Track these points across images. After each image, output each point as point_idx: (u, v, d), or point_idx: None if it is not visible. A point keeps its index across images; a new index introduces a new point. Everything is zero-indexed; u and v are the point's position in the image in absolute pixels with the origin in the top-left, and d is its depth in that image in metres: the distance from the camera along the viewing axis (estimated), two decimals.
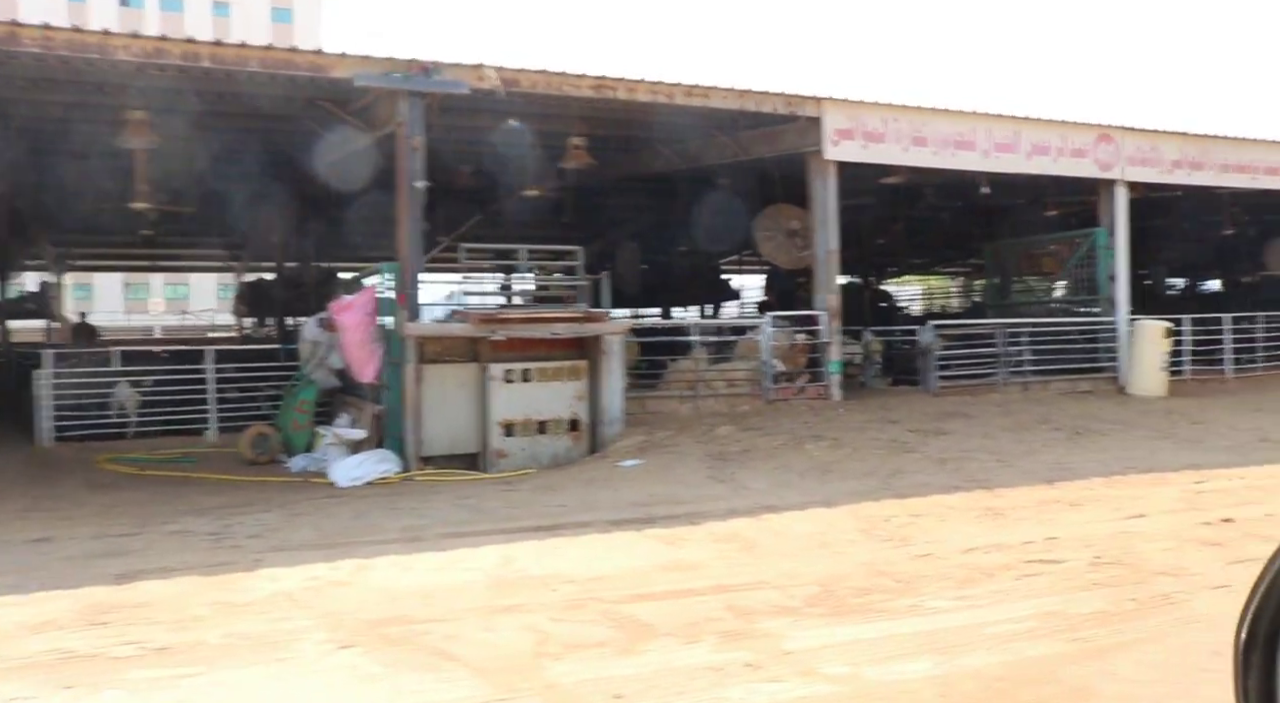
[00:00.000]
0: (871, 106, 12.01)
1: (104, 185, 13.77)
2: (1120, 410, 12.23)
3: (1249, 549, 6.04)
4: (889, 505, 7.32)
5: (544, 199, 16.85)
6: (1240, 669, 1.87)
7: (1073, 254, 14.70)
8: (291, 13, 68.29)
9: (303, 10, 67.96)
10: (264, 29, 60.15)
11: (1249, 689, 1.86)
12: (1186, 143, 14.54)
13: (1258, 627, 1.83)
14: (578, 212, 20.50)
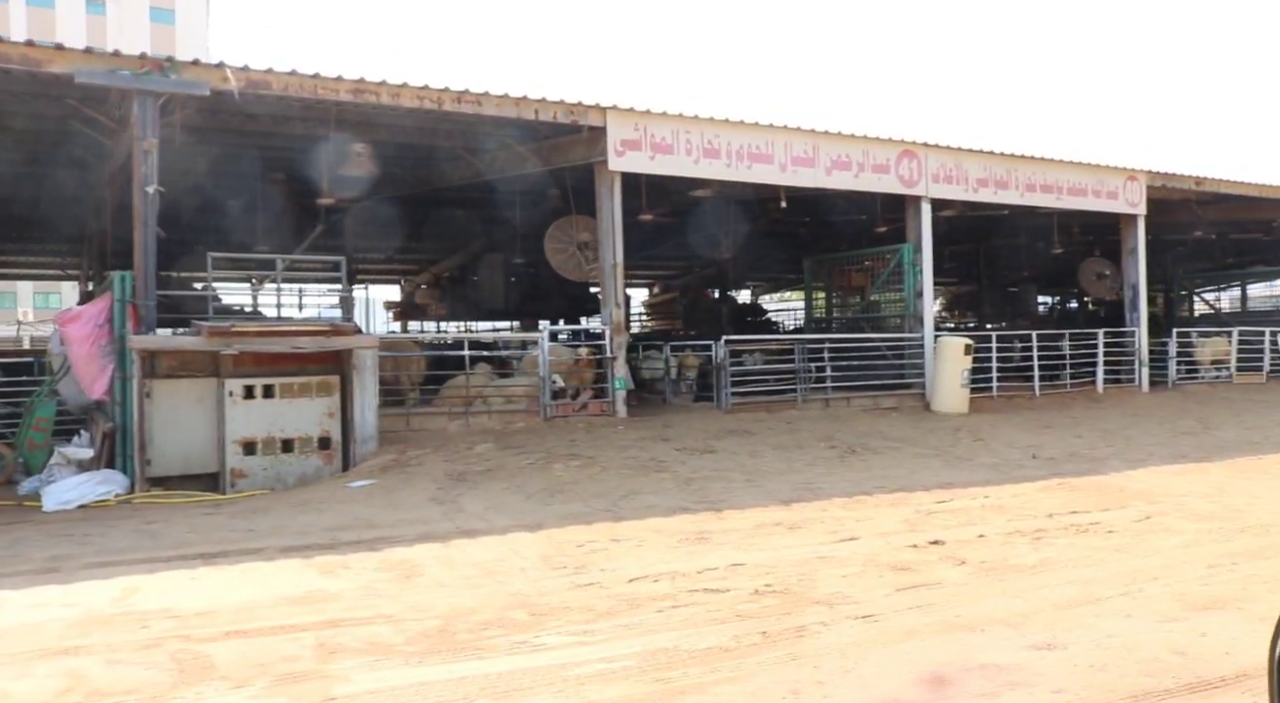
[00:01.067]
0: (660, 117, 11.76)
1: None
2: (909, 428, 12.16)
3: (935, 574, 5.85)
4: (597, 530, 6.97)
5: (388, 209, 16.49)
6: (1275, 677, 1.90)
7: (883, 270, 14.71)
8: (174, 14, 65.59)
9: (186, 11, 65.31)
10: (143, 30, 58.08)
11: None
12: (992, 161, 14.65)
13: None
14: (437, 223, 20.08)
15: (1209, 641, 4.60)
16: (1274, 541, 6.80)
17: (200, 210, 16.46)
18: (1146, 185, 16.70)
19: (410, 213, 18.24)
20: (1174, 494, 8.70)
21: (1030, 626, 4.83)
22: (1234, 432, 13.07)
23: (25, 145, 12.37)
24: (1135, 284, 16.92)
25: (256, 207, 16.14)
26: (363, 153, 11.59)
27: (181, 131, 10.17)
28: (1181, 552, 6.47)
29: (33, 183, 14.46)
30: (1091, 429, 12.78)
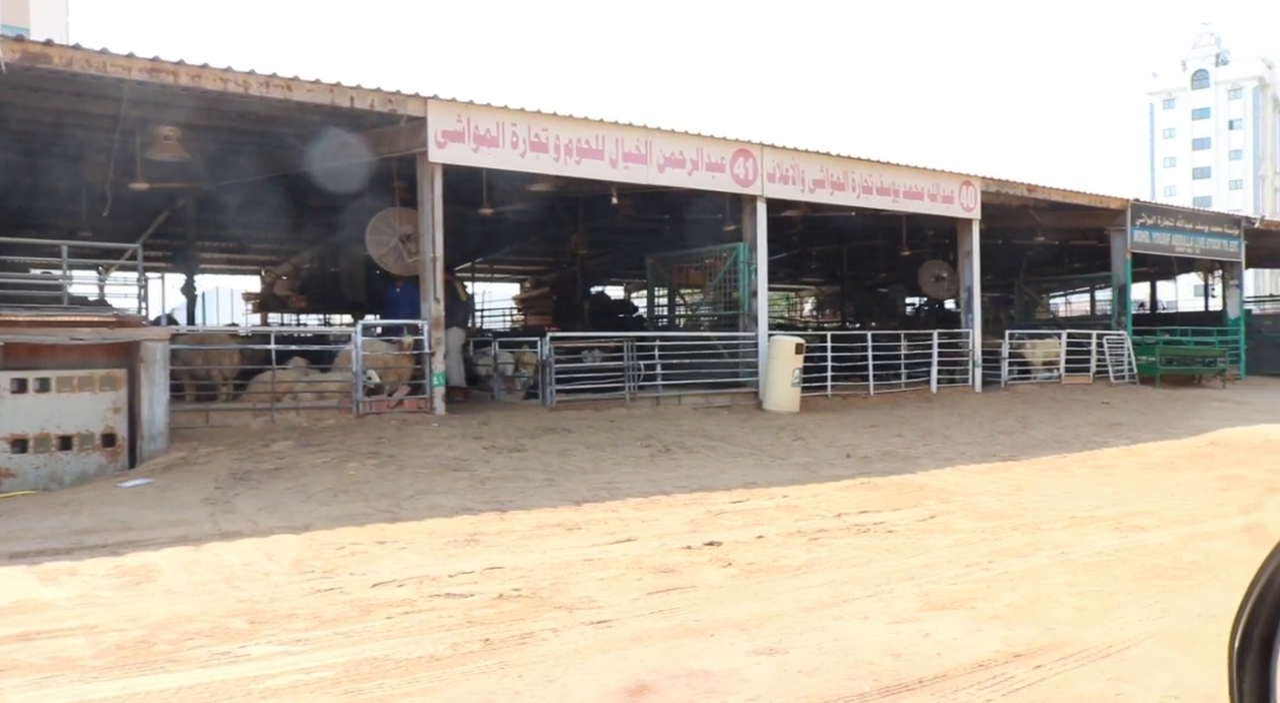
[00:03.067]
0: (484, 108, 11.53)
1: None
2: (735, 426, 12.21)
3: (696, 576, 5.77)
4: (367, 531, 6.72)
5: (236, 197, 15.85)
6: (1235, 673, 1.82)
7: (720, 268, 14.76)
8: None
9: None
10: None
11: (1244, 694, 1.82)
12: (829, 162, 14.84)
13: (1252, 630, 1.80)
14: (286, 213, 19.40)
15: (929, 641, 4.61)
16: (1040, 537, 6.95)
17: (28, 194, 15.65)
18: (981, 190, 17.18)
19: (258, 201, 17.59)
20: (970, 493, 8.88)
21: (765, 630, 4.78)
22: (1048, 430, 13.51)
23: None
24: (970, 287, 17.39)
25: (80, 192, 15.36)
26: (171, 137, 11.05)
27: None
28: (950, 551, 6.55)
29: None
30: (915, 428, 13.04)
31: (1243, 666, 1.82)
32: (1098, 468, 10.65)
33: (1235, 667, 1.83)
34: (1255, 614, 1.80)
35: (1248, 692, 1.82)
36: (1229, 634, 1.83)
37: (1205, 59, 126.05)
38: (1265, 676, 1.80)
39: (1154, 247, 21.11)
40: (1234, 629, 1.84)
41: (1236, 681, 1.83)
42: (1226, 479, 9.97)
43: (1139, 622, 4.91)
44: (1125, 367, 20.00)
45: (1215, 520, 7.68)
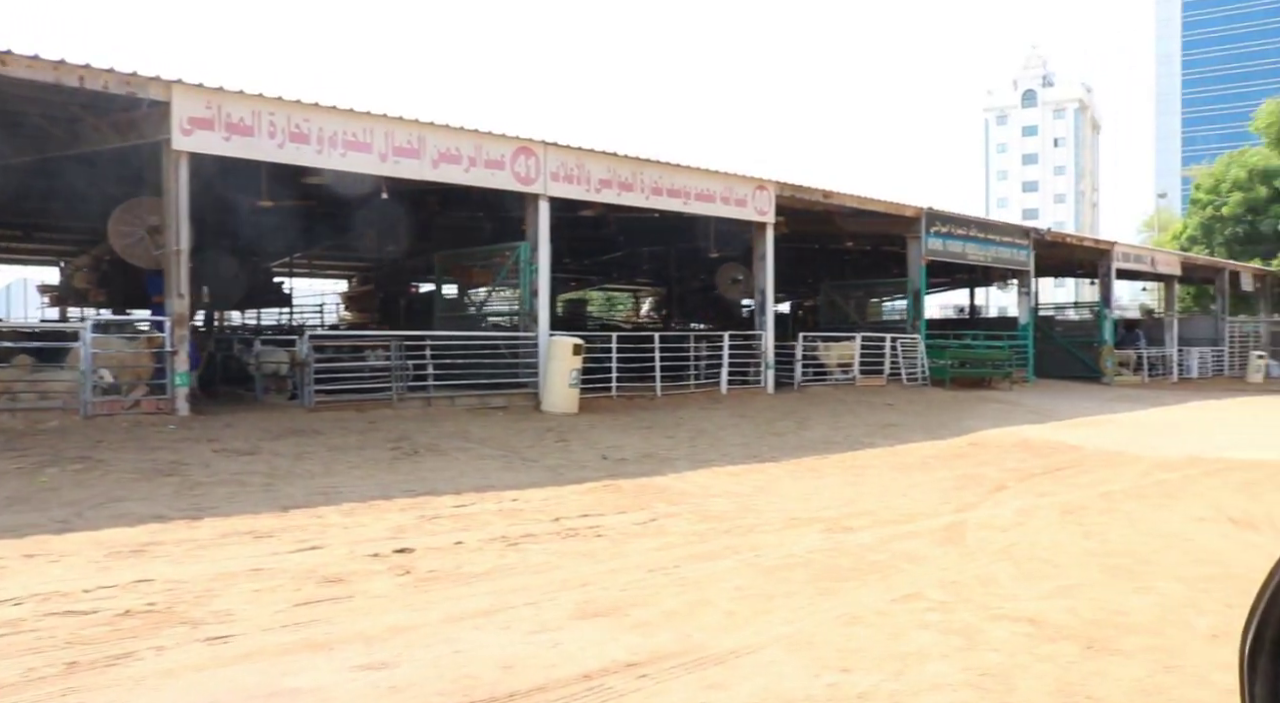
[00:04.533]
0: (236, 96, 11.00)
1: None
2: (501, 428, 12.03)
3: (365, 586, 5.51)
4: (25, 544, 6.23)
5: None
6: (1246, 675, 1.80)
7: (502, 267, 14.55)
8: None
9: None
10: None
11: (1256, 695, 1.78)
12: (616, 163, 14.81)
13: (1264, 632, 1.77)
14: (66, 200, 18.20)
15: (553, 651, 4.49)
16: (747, 540, 6.96)
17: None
18: (776, 195, 17.48)
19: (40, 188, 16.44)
20: (708, 494, 8.90)
21: (391, 643, 4.57)
22: (822, 431, 13.79)
23: None
24: (764, 289, 17.68)
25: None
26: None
27: None
28: (646, 555, 6.48)
29: None
30: (689, 430, 13.11)
31: (1254, 667, 1.80)
32: (850, 469, 10.86)
33: (1246, 669, 1.82)
34: (1267, 616, 1.78)
35: (1259, 694, 1.80)
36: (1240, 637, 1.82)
37: (1034, 80, 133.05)
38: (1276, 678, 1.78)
39: (948, 254, 21.94)
40: (1245, 632, 1.82)
41: (1248, 682, 1.82)
42: (966, 478, 10.31)
43: (778, 625, 4.91)
44: (919, 369, 20.71)
45: (926, 520, 7.87)
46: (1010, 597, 5.44)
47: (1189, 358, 32.15)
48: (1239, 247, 38.31)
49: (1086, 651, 4.50)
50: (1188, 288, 41.65)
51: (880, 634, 4.75)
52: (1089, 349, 28.46)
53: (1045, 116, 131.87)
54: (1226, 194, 37.94)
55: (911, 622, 4.95)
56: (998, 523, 7.75)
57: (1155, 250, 32.40)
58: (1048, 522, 7.80)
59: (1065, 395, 22.16)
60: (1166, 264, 30.66)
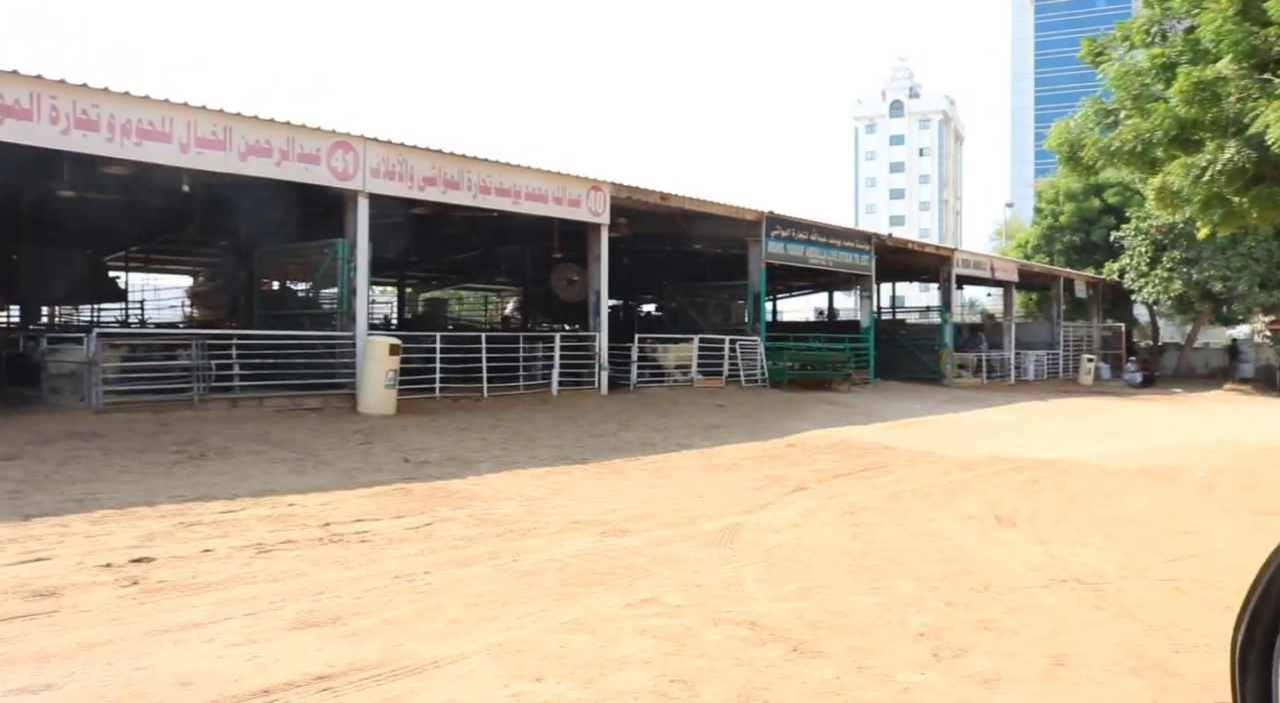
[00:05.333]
0: (10, 75, 10.33)
1: None
2: (306, 430, 11.67)
3: (75, 599, 5.20)
4: None
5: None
6: (1238, 671, 1.81)
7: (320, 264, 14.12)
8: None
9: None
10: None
11: (1246, 691, 1.80)
12: (442, 160, 14.54)
13: (1255, 628, 1.78)
14: None
15: (245, 665, 4.28)
16: (517, 545, 6.84)
17: None
18: (611, 196, 17.47)
19: None
20: (500, 497, 8.78)
21: (70, 661, 4.30)
22: (643, 433, 13.81)
23: None
24: (599, 290, 17.65)
25: None
26: None
27: None
28: (403, 561, 6.30)
29: None
30: (506, 432, 12.95)
31: (1245, 664, 1.80)
32: (657, 471, 10.88)
33: (1238, 665, 1.81)
34: (1258, 612, 1.78)
35: (1250, 690, 1.80)
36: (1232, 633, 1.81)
37: (901, 91, 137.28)
38: (1267, 674, 1.78)
39: (788, 258, 22.32)
40: (1237, 627, 1.82)
41: (1239, 679, 1.81)
42: (770, 479, 10.43)
43: (498, 633, 4.81)
44: (758, 371, 21.00)
45: (709, 522, 7.90)
46: (746, 600, 5.46)
47: (1026, 361, 33.50)
48: (1075, 255, 40.06)
49: (791, 653, 4.53)
50: (1030, 294, 43.47)
51: (596, 641, 4.69)
52: (932, 352, 29.38)
53: (912, 127, 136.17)
54: (1062, 205, 39.71)
55: (633, 628, 4.91)
56: (776, 525, 7.82)
57: (994, 258, 33.67)
58: (826, 523, 7.91)
59: (901, 397, 22.79)
60: (1004, 271, 31.88)
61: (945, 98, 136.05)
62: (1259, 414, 24.16)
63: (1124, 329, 41.15)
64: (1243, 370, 38.21)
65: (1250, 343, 41.23)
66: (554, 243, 20.38)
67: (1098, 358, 36.87)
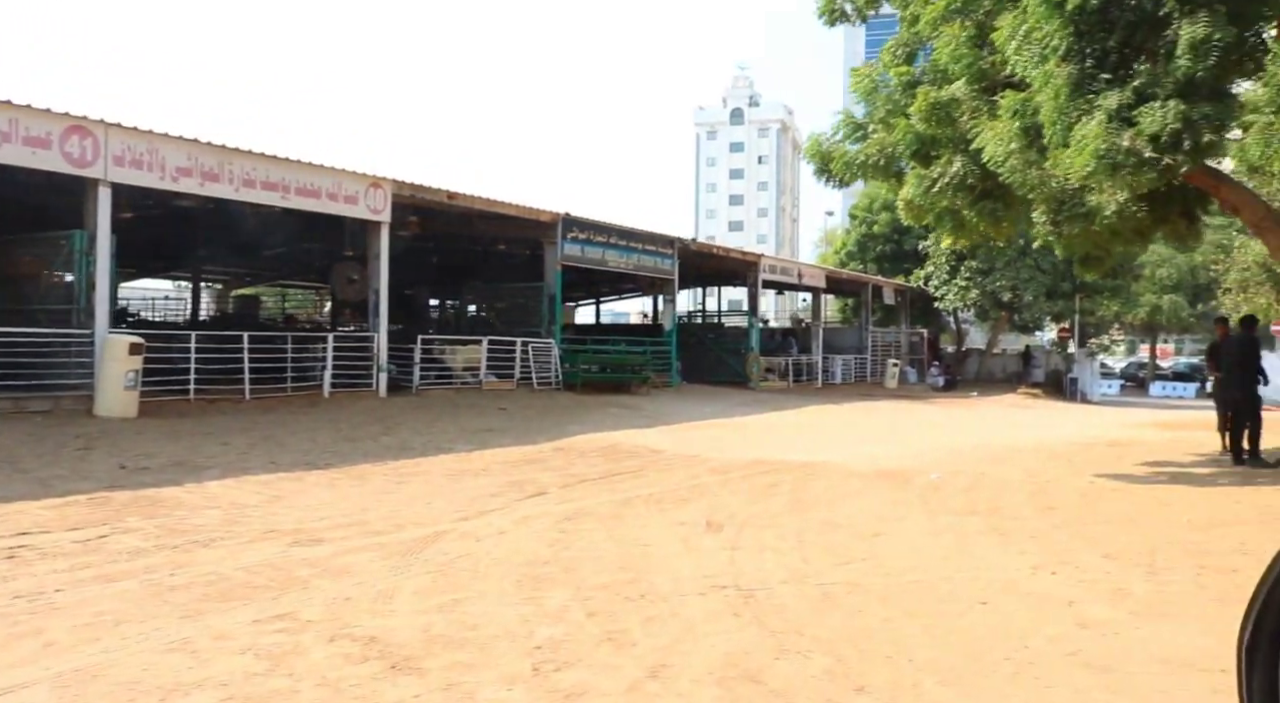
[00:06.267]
0: None
1: None
2: (16, 435, 10.85)
3: None
4: None
5: None
6: (1244, 669, 1.79)
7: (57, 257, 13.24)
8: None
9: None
10: None
11: (1253, 689, 1.78)
12: (200, 150, 13.83)
13: (1262, 625, 1.77)
14: None
15: None
16: (179, 557, 6.46)
17: None
18: (394, 194, 17.05)
19: None
20: (210, 506, 8.36)
21: None
22: (406, 437, 13.50)
23: None
24: (378, 289, 17.18)
25: None
26: None
27: None
28: (43, 579, 5.83)
29: None
30: (256, 436, 12.42)
31: (1252, 660, 1.78)
32: (400, 476, 10.59)
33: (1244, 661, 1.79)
34: (1266, 609, 1.77)
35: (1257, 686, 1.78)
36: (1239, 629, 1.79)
37: (741, 99, 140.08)
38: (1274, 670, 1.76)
39: (586, 260, 22.32)
40: (1244, 624, 1.80)
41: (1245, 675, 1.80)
42: (512, 484, 10.29)
43: (85, 657, 4.46)
44: (552, 374, 20.90)
45: (416, 529, 7.68)
46: (386, 613, 5.27)
47: (834, 364, 34.55)
48: (888, 263, 41.61)
49: (388, 670, 4.36)
50: (846, 300, 44.91)
51: (187, 663, 4.41)
52: (740, 355, 29.93)
53: (751, 134, 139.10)
54: (876, 214, 41.19)
55: (241, 646, 4.65)
56: (483, 532, 7.66)
57: (802, 264, 34.65)
58: (535, 530, 7.80)
59: (699, 400, 23.07)
60: (812, 277, 32.80)
61: (784, 107, 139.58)
62: (1038, 418, 25.60)
63: (929, 335, 42.95)
64: (1034, 375, 40.44)
65: (1042, 350, 43.71)
66: (346, 240, 19.78)
67: (904, 362, 38.37)
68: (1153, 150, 7.51)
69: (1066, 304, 38.69)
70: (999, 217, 11.27)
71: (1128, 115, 7.67)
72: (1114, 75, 7.96)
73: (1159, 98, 7.57)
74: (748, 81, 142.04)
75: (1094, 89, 7.94)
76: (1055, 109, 8.05)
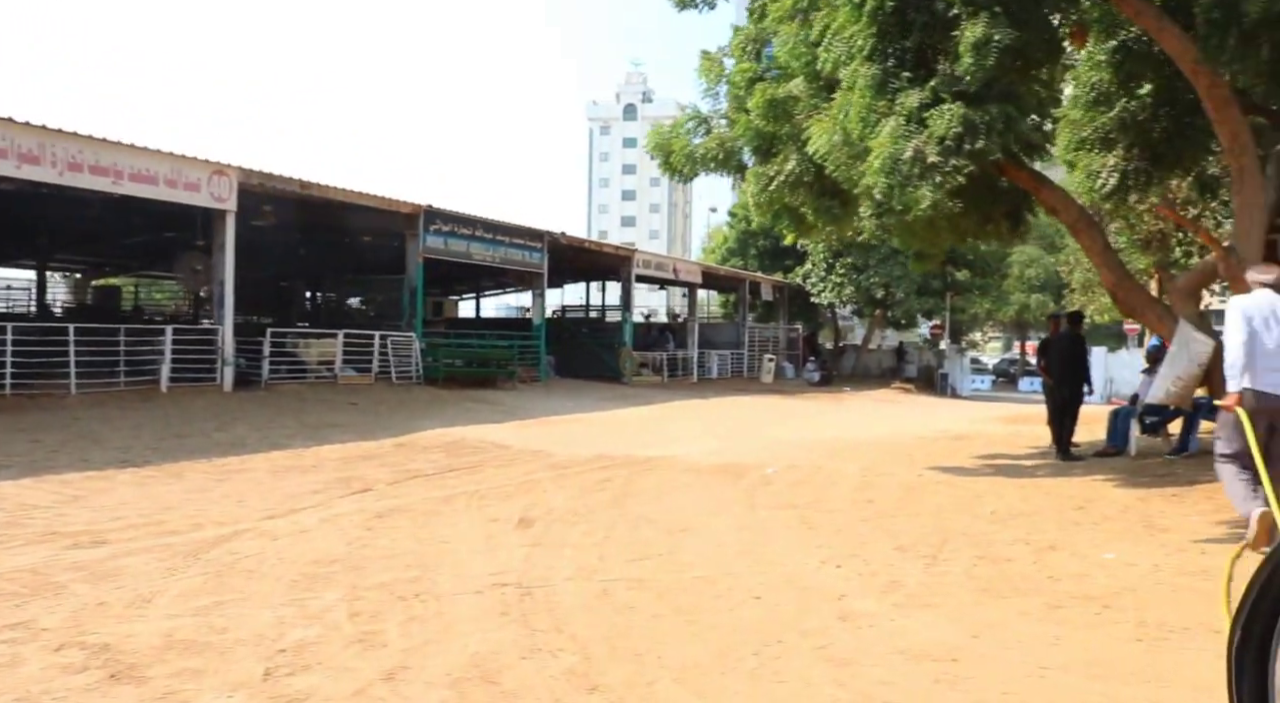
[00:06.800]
0: None
1: None
2: None
3: None
4: None
5: None
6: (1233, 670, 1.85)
7: None
8: None
9: None
10: None
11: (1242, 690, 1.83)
12: (16, 131, 13.04)
13: (1252, 627, 1.82)
14: None
15: None
16: None
17: None
18: (240, 182, 16.48)
19: None
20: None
21: None
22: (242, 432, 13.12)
23: None
24: (223, 281, 16.60)
25: None
26: None
27: None
28: None
29: None
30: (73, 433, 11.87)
31: (1241, 663, 1.82)
32: (223, 473, 10.26)
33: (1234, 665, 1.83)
34: (1254, 612, 1.80)
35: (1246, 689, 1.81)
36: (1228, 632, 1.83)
37: (635, 95, 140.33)
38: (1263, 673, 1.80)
39: (449, 253, 21.99)
40: (1233, 627, 1.83)
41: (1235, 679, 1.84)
42: (341, 481, 10.03)
43: None
44: (413, 368, 20.53)
45: (212, 529, 7.41)
46: (136, 619, 5.02)
47: (710, 360, 34.79)
48: (768, 259, 42.10)
49: (107, 679, 4.14)
50: (729, 296, 45.32)
51: None
52: (615, 350, 29.91)
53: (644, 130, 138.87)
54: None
55: None
56: (285, 531, 7.42)
57: (677, 259, 34.83)
58: (341, 528, 7.59)
59: (565, 395, 22.96)
60: (687, 273, 32.97)
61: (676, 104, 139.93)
62: (902, 412, 26.15)
63: (805, 331, 43.64)
64: (907, 371, 41.49)
65: (916, 346, 44.86)
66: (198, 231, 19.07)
67: (781, 357, 38.91)
68: (938, 154, 7.66)
69: (937, 301, 39.80)
70: (836, 214, 11.41)
71: (924, 117, 7.82)
72: (915, 74, 8.11)
73: (948, 101, 7.74)
74: (641, 77, 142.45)
75: (896, 88, 8.09)
76: (861, 108, 8.17)
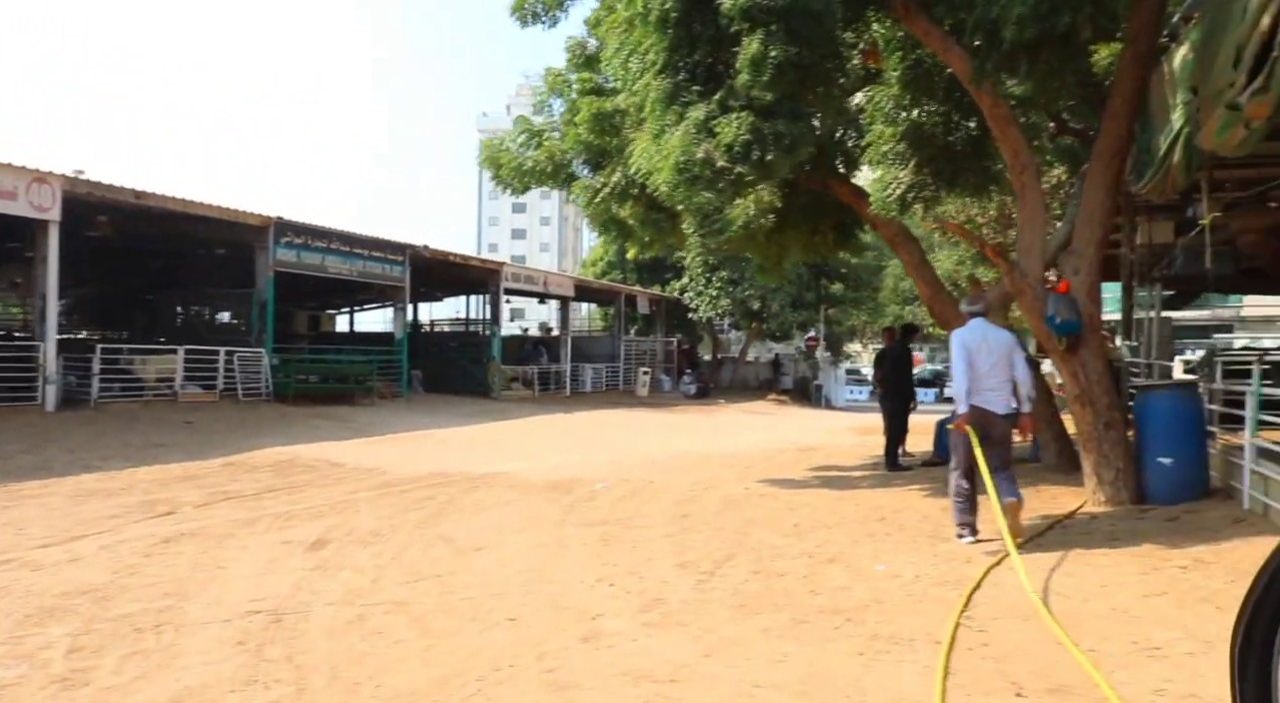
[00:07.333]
0: None
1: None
2: None
3: None
4: None
5: None
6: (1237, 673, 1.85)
7: None
8: None
9: None
10: None
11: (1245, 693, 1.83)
12: None
13: (1254, 631, 1.81)
14: None
15: None
16: None
17: None
18: (64, 191, 15.76)
19: None
20: None
21: None
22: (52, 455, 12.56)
23: None
24: (45, 294, 15.86)
25: None
26: None
27: None
28: None
29: None
30: None
31: (1244, 667, 1.83)
32: (18, 498, 9.82)
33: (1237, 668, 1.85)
34: (1257, 616, 1.80)
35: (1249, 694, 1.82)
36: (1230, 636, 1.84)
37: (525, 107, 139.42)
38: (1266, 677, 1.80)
39: (303, 266, 21.46)
40: (1235, 632, 1.84)
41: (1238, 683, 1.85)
42: (147, 504, 9.70)
43: None
44: (262, 384, 19.94)
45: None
46: None
47: (584, 373, 34.71)
48: (646, 273, 42.26)
49: None
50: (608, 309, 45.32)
51: None
52: (483, 365, 29.59)
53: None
54: None
55: None
56: (55, 561, 7.09)
57: (548, 273, 34.73)
58: (118, 556, 7.25)
59: (427, 410, 22.60)
60: (559, 286, 32.87)
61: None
62: (768, 423, 26.48)
63: (681, 343, 43.89)
64: (784, 382, 42.08)
65: (791, 358, 45.53)
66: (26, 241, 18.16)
67: (657, 370, 39.05)
68: (726, 160, 7.75)
69: (811, 314, 40.46)
70: (662, 227, 11.45)
71: (712, 126, 7.90)
72: (704, 88, 8.18)
73: (736, 110, 7.83)
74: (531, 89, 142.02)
75: (687, 101, 8.14)
76: (655, 120, 8.21)
